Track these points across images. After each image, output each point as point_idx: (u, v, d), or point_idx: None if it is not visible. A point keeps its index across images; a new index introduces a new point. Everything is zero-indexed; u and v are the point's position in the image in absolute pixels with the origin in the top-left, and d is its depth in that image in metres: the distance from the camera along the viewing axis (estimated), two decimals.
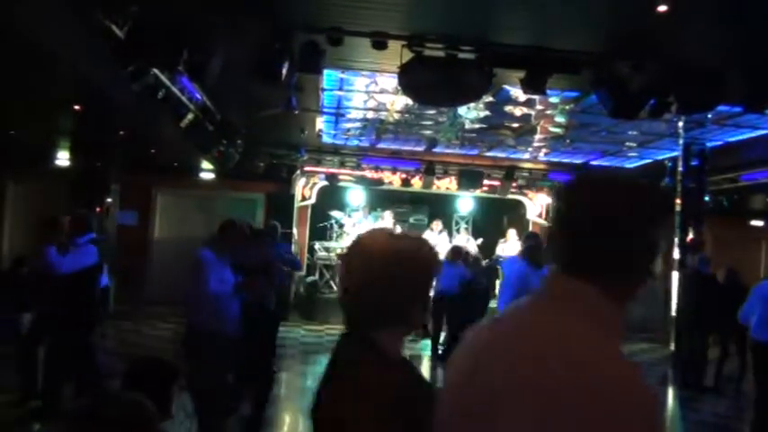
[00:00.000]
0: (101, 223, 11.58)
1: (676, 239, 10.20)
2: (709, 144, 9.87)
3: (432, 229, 13.34)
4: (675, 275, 10.05)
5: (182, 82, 7.53)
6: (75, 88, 8.35)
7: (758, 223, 14.88)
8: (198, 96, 8.32)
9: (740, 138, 9.34)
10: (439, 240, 13.12)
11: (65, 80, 7.81)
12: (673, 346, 9.77)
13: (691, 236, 10.13)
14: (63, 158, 12.52)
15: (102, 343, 8.02)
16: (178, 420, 2.94)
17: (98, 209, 11.56)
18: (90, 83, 7.81)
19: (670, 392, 8.78)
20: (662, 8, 4.60)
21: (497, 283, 13.81)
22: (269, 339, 5.94)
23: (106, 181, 12.13)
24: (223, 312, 4.50)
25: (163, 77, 6.83)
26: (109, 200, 12.42)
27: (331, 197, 14.19)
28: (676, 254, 10.16)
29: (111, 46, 5.39)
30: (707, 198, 10.83)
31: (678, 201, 10.22)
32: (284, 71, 5.38)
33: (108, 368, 6.55)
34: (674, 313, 9.92)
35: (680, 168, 10.17)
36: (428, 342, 9.62)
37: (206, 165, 12.79)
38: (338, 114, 9.80)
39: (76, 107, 9.26)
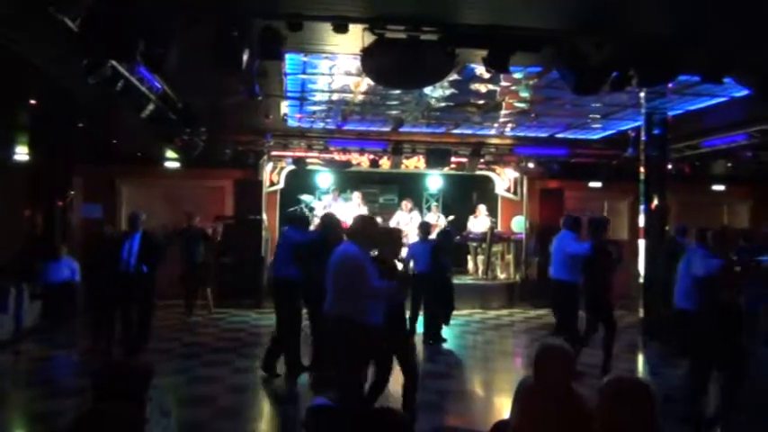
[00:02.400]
0: (65, 216, 11.37)
1: (642, 207, 10.40)
2: (670, 113, 10.04)
3: (403, 209, 13.37)
4: (642, 243, 10.25)
5: (140, 72, 7.37)
6: (30, 82, 8.15)
7: (720, 188, 15.26)
8: (158, 86, 8.16)
9: (700, 106, 9.51)
10: (410, 219, 13.17)
11: (20, 74, 7.61)
12: (642, 313, 9.99)
13: (655, 202, 10.32)
14: (22, 153, 12.21)
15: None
16: (154, 420, 2.92)
17: (60, 203, 11.30)
18: (46, 76, 7.62)
19: (640, 359, 9.01)
20: None
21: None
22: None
23: (68, 174, 11.84)
24: (373, 305, 4.70)
25: (121, 68, 6.68)
26: (71, 192, 12.15)
27: (300, 181, 14.10)
28: (642, 221, 10.36)
29: (65, 39, 5.26)
30: (670, 165, 11.04)
31: (642, 169, 10.40)
32: (244, 58, 5.30)
33: None
34: (641, 280, 10.12)
35: (643, 138, 10.34)
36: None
37: (171, 154, 12.60)
38: (302, 98, 9.71)
39: (32, 101, 9.04)
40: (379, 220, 9.28)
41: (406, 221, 13.03)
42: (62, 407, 5.92)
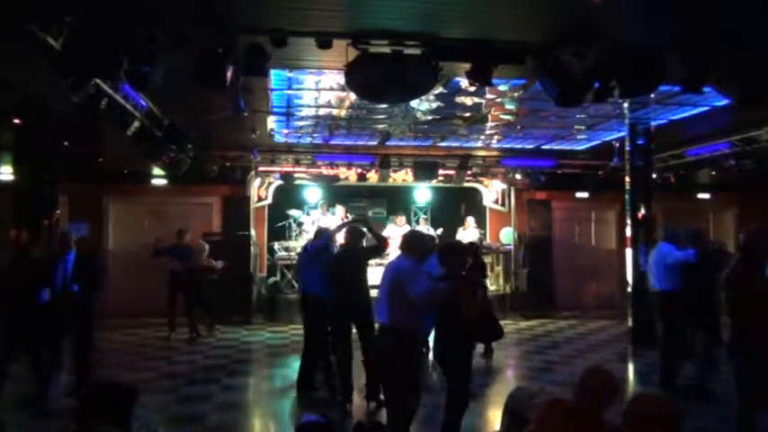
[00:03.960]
0: (51, 236, 11.27)
1: (628, 216, 10.48)
2: (654, 123, 10.15)
3: (396, 224, 13.36)
4: (629, 253, 10.30)
5: (125, 90, 7.36)
6: (14, 100, 8.10)
7: (705, 196, 15.41)
8: (143, 103, 8.15)
9: (683, 115, 9.62)
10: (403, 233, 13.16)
11: (3, 93, 7.56)
12: (630, 322, 10.02)
13: (642, 212, 10.40)
14: (6, 172, 12.11)
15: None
16: None
17: (46, 221, 11.21)
18: (29, 94, 7.58)
19: (630, 368, 9.03)
20: None
21: None
22: None
23: (53, 192, 11.76)
24: (421, 315, 4.80)
25: (105, 86, 6.67)
26: (58, 212, 12.05)
27: (288, 196, 14.10)
28: (629, 231, 10.42)
29: (48, 58, 5.25)
30: (654, 175, 11.15)
31: (628, 179, 10.50)
32: (229, 75, 5.31)
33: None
34: (629, 290, 10.17)
35: (627, 148, 10.44)
36: None
37: (158, 171, 12.55)
38: (289, 114, 9.72)
39: (16, 120, 8.98)
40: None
41: (399, 235, 13.03)
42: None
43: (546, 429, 2.89)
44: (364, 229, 7.08)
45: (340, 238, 7.39)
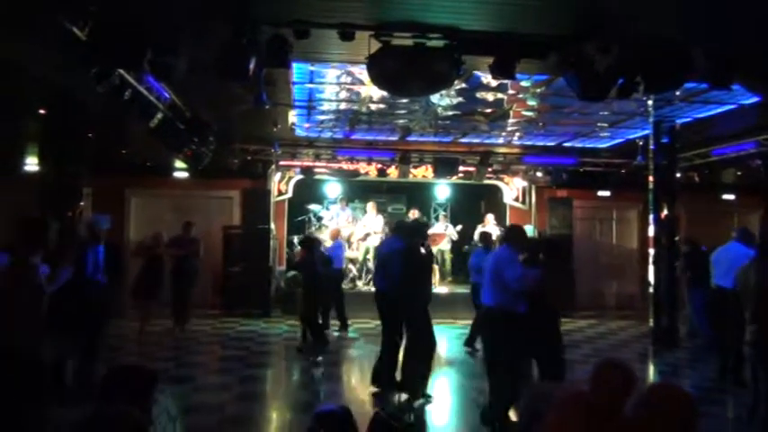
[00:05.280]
0: (75, 228, 11.41)
1: (651, 216, 10.35)
2: (679, 121, 10.00)
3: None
4: (652, 252, 10.18)
5: (148, 81, 7.42)
6: (40, 92, 8.21)
7: (730, 197, 15.13)
8: (166, 95, 8.21)
9: (709, 113, 9.45)
10: None
11: (29, 84, 7.68)
12: (651, 323, 9.91)
13: (665, 212, 10.26)
14: (32, 164, 12.29)
15: None
16: (161, 424, 2.92)
17: (70, 213, 11.35)
18: (55, 86, 7.69)
19: (651, 369, 8.92)
20: None
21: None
22: None
23: (77, 185, 11.90)
24: (518, 297, 5.49)
25: (128, 77, 6.72)
26: (81, 204, 12.20)
27: (308, 190, 14.13)
28: (651, 231, 10.29)
29: (74, 48, 5.31)
30: (678, 174, 10.99)
31: (651, 178, 10.36)
32: (251, 66, 5.32)
33: None
34: (651, 290, 10.05)
35: (651, 146, 10.30)
36: None
37: (179, 164, 12.66)
38: (310, 107, 9.74)
39: (42, 111, 9.11)
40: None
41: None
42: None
43: (563, 423, 2.86)
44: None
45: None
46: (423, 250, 6.92)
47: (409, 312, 6.63)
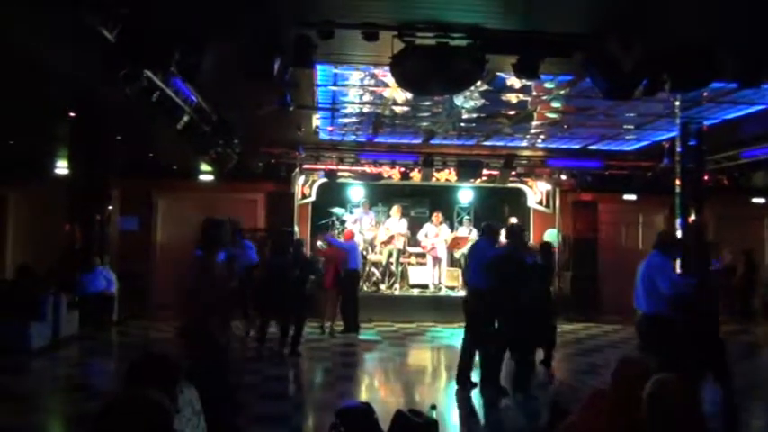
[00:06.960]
0: (103, 230, 11.62)
1: (678, 221, 10.17)
2: (707, 122, 9.81)
3: (433, 222, 13.34)
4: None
5: (176, 84, 7.52)
6: (69, 94, 8.39)
7: (760, 200, 14.83)
8: (193, 98, 8.31)
9: (738, 114, 9.30)
10: (440, 232, 13.14)
11: (59, 87, 7.84)
12: None
13: (692, 216, 10.09)
14: (62, 167, 12.54)
15: None
16: (186, 415, 2.96)
17: (98, 216, 11.57)
18: (84, 88, 7.84)
19: None
20: None
21: None
22: None
23: (106, 187, 12.13)
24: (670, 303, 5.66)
25: (156, 80, 6.83)
26: (110, 207, 12.42)
27: (331, 194, 14.20)
28: (678, 235, 10.12)
29: (102, 50, 5.41)
30: (706, 177, 10.80)
31: (678, 181, 10.19)
32: (276, 67, 5.38)
33: None
34: None
35: (678, 149, 10.13)
36: None
37: (205, 167, 12.81)
38: (334, 110, 9.79)
39: (72, 114, 9.29)
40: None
41: (435, 233, 13.03)
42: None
43: (588, 420, 2.85)
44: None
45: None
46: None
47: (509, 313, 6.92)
